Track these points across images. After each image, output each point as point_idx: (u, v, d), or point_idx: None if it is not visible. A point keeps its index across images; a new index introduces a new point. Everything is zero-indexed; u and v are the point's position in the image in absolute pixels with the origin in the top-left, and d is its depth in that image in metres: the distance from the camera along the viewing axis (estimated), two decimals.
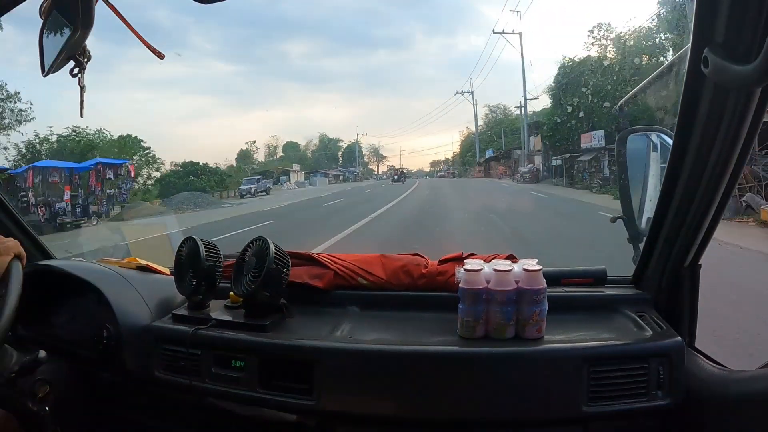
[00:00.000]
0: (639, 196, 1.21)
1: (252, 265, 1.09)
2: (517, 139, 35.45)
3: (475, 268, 0.99)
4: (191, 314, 1.17)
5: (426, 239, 7.70)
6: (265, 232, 1.74)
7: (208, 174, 28.70)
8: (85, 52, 0.89)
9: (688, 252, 1.01)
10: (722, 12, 0.67)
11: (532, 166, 26.42)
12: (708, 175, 0.86)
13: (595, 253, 5.68)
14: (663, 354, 0.95)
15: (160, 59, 0.98)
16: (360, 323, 1.11)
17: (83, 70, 0.91)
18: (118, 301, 1.18)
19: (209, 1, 0.85)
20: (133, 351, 1.15)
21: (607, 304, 1.13)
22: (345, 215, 12.35)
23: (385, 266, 1.19)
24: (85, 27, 0.82)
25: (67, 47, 0.86)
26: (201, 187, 25.95)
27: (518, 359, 0.95)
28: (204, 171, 28.82)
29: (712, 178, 0.86)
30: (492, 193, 19.40)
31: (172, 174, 28.29)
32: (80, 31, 0.82)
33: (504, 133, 41.21)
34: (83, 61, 0.90)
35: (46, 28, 0.91)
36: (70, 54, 0.88)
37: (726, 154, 0.81)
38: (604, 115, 18.59)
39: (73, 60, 0.90)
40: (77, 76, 0.92)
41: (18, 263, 1.01)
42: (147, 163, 27.07)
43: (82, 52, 0.89)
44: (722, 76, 0.69)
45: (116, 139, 24.96)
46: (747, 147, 0.80)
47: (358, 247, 7.36)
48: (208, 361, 1.08)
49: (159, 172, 28.16)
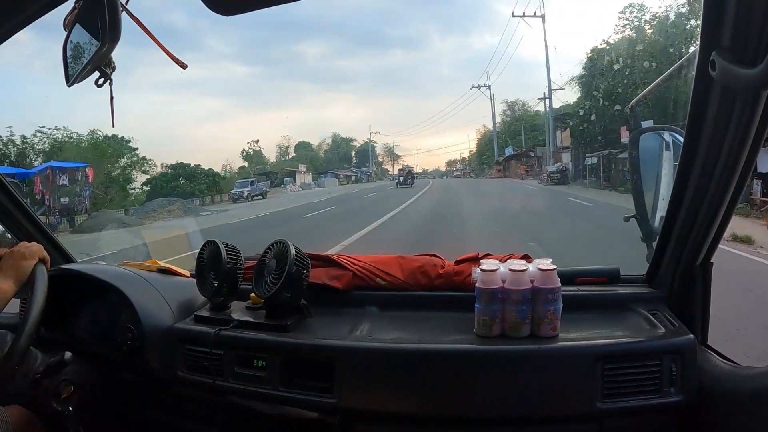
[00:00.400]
0: (652, 194, 1.22)
1: (273, 268, 1.12)
2: (539, 136, 33.00)
3: (491, 268, 1.01)
4: (213, 315, 1.20)
5: (442, 240, 7.06)
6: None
7: (199, 176, 26.78)
8: (110, 63, 0.92)
9: (700, 250, 1.02)
10: (729, 16, 0.69)
11: (561, 165, 23.02)
12: (718, 175, 0.88)
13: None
14: (676, 351, 0.96)
15: (183, 69, 1.00)
16: (379, 323, 1.14)
17: (109, 80, 0.93)
18: (141, 303, 1.20)
19: (231, 13, 0.88)
20: (156, 352, 1.17)
21: (621, 302, 1.14)
22: (320, 233, 9.61)
23: (403, 267, 1.21)
24: (113, 41, 0.84)
25: (94, 60, 0.88)
26: (190, 191, 24.56)
27: (534, 357, 0.97)
28: (195, 173, 26.81)
29: (722, 178, 0.88)
30: (519, 198, 15.70)
31: (161, 177, 26.23)
32: (107, 45, 0.84)
33: (524, 130, 38.50)
34: (108, 72, 0.93)
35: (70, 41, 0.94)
36: (96, 66, 0.91)
37: (735, 155, 0.83)
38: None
39: (98, 71, 0.93)
40: (102, 86, 0.94)
41: (43, 267, 1.04)
42: (134, 166, 24.57)
43: (108, 63, 0.91)
44: (730, 79, 0.70)
45: (88, 138, 22.15)
46: (756, 148, 0.82)
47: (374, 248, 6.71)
48: (230, 361, 1.11)
49: (148, 175, 25.80)
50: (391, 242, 7.78)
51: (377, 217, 11.37)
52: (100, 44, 0.84)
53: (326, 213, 14.56)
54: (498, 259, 1.11)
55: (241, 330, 1.13)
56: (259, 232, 10.75)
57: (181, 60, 1.09)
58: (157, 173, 26.51)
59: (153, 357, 1.17)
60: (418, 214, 12.67)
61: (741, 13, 0.68)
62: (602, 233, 7.12)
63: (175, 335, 1.18)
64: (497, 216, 11.30)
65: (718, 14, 0.70)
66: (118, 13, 0.84)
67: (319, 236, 9.03)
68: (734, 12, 0.68)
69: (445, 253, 1.26)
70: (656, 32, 18.17)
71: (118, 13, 0.84)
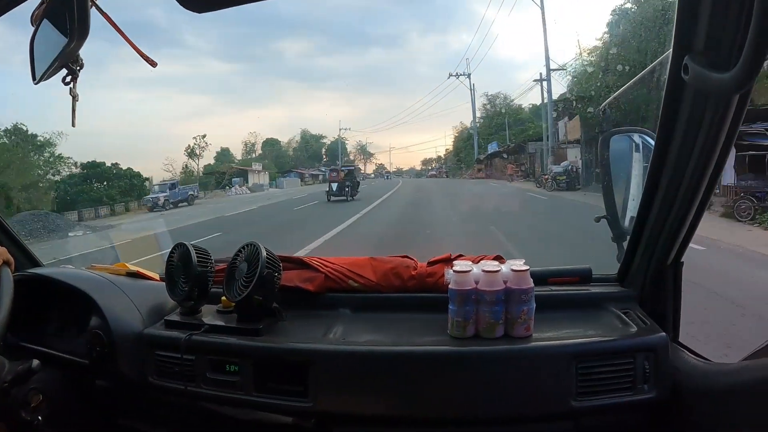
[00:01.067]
0: (622, 195, 1.24)
1: (244, 270, 1.10)
2: (527, 131, 29.01)
3: (464, 270, 1.01)
4: (184, 320, 1.18)
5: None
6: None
7: (115, 178, 21.87)
8: (78, 60, 0.89)
9: (671, 250, 1.04)
10: (702, 21, 0.70)
11: (569, 164, 17.54)
12: (689, 177, 0.90)
13: None
14: (648, 349, 0.97)
15: (152, 67, 0.98)
16: (352, 325, 1.13)
17: (76, 78, 0.91)
18: (110, 308, 1.17)
19: (203, 10, 0.86)
20: (126, 358, 1.14)
21: (593, 301, 1.16)
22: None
23: (375, 269, 1.20)
24: (81, 37, 0.82)
25: (61, 56, 0.86)
26: (98, 197, 20.23)
27: (508, 357, 0.97)
28: (110, 174, 21.95)
29: (692, 180, 0.89)
30: (524, 217, 10.82)
31: (67, 180, 21.14)
32: (75, 41, 0.82)
33: (508, 125, 34.38)
34: (76, 69, 0.90)
35: (37, 36, 0.91)
36: (63, 63, 0.88)
37: (706, 157, 0.84)
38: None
39: (65, 68, 0.89)
40: (69, 84, 0.91)
41: (7, 270, 1.00)
42: (51, 165, 20.55)
43: (75, 61, 0.89)
44: (702, 83, 0.72)
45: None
46: (726, 150, 0.83)
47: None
48: (202, 366, 1.08)
49: (59, 176, 21.11)
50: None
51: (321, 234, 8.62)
52: (68, 40, 0.82)
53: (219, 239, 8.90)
54: (471, 260, 1.11)
55: (213, 334, 1.11)
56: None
57: (151, 58, 1.07)
58: (66, 176, 21.52)
59: (123, 363, 1.15)
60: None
61: (714, 19, 0.69)
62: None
63: (146, 341, 1.15)
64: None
65: (691, 19, 0.72)
66: (88, 9, 0.81)
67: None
68: (707, 17, 0.70)
69: (418, 254, 1.25)
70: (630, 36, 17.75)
71: (87, 8, 0.81)
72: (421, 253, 1.25)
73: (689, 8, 0.72)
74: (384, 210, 14.34)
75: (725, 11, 0.68)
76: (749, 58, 0.60)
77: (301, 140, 56.54)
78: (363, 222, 11.32)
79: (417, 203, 16.12)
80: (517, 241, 7.07)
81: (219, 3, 0.88)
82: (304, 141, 56.27)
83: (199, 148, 38.53)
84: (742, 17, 0.66)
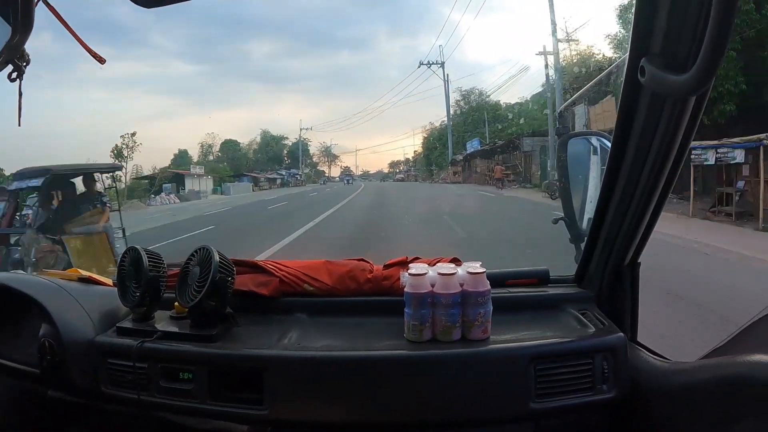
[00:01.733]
0: (580, 197, 1.25)
1: (196, 275, 1.07)
2: (503, 130, 26.80)
3: (419, 273, 0.99)
4: (136, 326, 1.14)
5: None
6: None
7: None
8: (24, 55, 0.85)
9: (628, 251, 1.05)
10: (659, 24, 0.71)
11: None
12: (645, 179, 0.90)
13: None
14: (606, 349, 0.98)
15: (100, 64, 0.96)
16: (308, 330, 1.11)
17: (22, 74, 0.86)
18: (60, 315, 1.13)
19: (152, 5, 0.84)
20: (78, 366, 1.10)
21: (551, 303, 1.16)
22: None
23: (331, 272, 1.18)
24: (24, 30, 0.78)
25: (5, 51, 0.81)
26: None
27: (465, 360, 0.96)
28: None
29: (649, 181, 0.90)
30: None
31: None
32: (19, 35, 0.78)
33: (487, 122, 32.07)
34: (22, 65, 0.85)
35: None
36: (8, 58, 0.84)
37: (662, 159, 0.85)
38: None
39: (11, 64, 0.85)
40: (14, 81, 0.87)
41: None
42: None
43: (21, 56, 0.84)
44: (658, 85, 0.72)
45: None
46: (682, 151, 0.84)
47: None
48: (155, 374, 1.05)
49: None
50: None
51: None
52: (11, 34, 0.77)
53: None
54: (427, 262, 1.10)
55: (166, 341, 1.07)
56: None
57: (100, 54, 1.03)
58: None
59: (75, 372, 1.10)
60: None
61: (671, 22, 0.70)
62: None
63: (97, 348, 1.11)
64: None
65: (648, 22, 0.72)
66: (32, 1, 0.77)
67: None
68: (665, 20, 0.70)
69: (374, 257, 1.24)
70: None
71: (32, 1, 0.77)
72: (378, 256, 1.24)
73: (646, 11, 0.72)
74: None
75: (682, 14, 0.68)
76: (706, 60, 0.60)
77: (261, 141, 52.38)
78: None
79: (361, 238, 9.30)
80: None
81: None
82: (264, 142, 52.32)
83: (127, 148, 30.66)
84: (699, 19, 0.66)
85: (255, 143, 52.20)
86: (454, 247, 6.89)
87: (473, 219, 10.99)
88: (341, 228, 11.00)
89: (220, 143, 48.32)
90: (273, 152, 51.88)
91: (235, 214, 16.35)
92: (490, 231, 9.22)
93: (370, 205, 16.97)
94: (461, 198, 17.36)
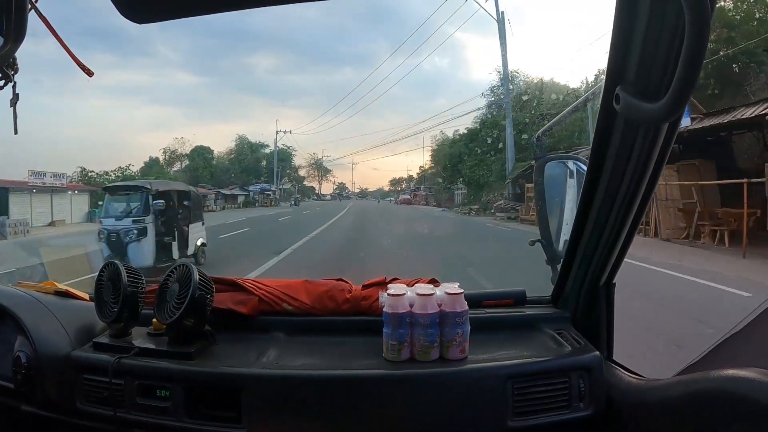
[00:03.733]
0: (556, 219, 1.28)
1: (176, 292, 1.06)
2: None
3: (398, 293, 1.01)
4: (113, 342, 1.12)
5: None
6: None
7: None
8: (13, 64, 0.85)
9: (603, 271, 1.08)
10: (634, 54, 0.74)
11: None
12: (620, 201, 0.93)
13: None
14: (582, 368, 1.00)
15: (88, 76, 0.96)
16: (286, 349, 1.10)
17: (11, 82, 0.86)
18: (36, 328, 1.11)
19: (143, 21, 0.85)
20: (53, 381, 1.08)
21: (528, 323, 1.18)
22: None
23: (310, 292, 1.19)
24: (16, 40, 0.78)
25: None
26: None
27: (443, 379, 0.97)
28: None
29: (623, 204, 0.93)
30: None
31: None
32: (10, 45, 0.78)
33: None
34: (11, 74, 0.85)
35: None
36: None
37: (636, 182, 0.89)
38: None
39: (0, 72, 0.85)
40: (2, 88, 0.87)
41: None
42: None
43: (11, 65, 0.84)
44: (632, 113, 0.75)
45: None
46: (655, 175, 0.88)
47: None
48: (132, 391, 1.03)
49: None
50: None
51: None
52: (3, 43, 0.77)
53: None
54: (405, 283, 1.11)
55: (143, 358, 1.06)
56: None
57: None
58: None
59: (49, 387, 1.08)
60: None
61: (645, 52, 0.73)
62: None
63: (73, 363, 1.09)
64: None
65: (623, 52, 0.75)
66: (26, 11, 0.77)
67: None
68: (639, 50, 0.73)
69: (353, 277, 1.23)
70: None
71: (25, 10, 0.77)
72: (356, 276, 1.23)
73: (622, 41, 0.75)
74: None
75: (656, 46, 0.72)
76: (678, 89, 0.63)
77: (236, 149, 41.51)
78: None
79: None
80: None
81: (158, 15, 0.88)
82: (240, 150, 41.47)
83: (150, 158, 27.33)
84: (672, 51, 0.70)
85: (232, 152, 42.02)
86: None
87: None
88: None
89: (191, 149, 38.26)
90: (246, 162, 40.94)
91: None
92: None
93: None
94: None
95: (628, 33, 0.75)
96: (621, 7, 0.74)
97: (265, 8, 0.84)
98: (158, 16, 0.87)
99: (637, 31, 0.73)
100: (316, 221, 17.83)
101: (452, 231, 15.40)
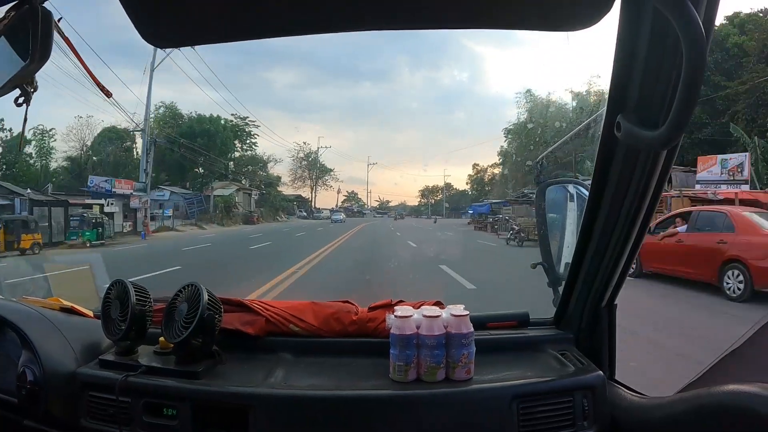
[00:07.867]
0: (557, 243, 1.30)
1: (184, 312, 1.07)
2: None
3: (405, 315, 1.02)
4: (119, 360, 1.12)
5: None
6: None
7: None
8: (32, 82, 0.86)
9: (605, 293, 1.10)
10: (634, 84, 0.78)
11: None
12: (621, 224, 0.96)
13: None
14: (586, 387, 1.02)
15: (107, 97, 0.99)
16: (293, 369, 1.11)
17: (29, 100, 0.87)
18: (42, 344, 1.10)
19: (166, 46, 0.89)
20: (58, 398, 1.08)
21: (532, 344, 1.19)
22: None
23: (317, 313, 1.20)
24: (41, 59, 0.80)
25: (17, 77, 0.82)
26: None
27: (450, 400, 0.99)
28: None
29: (624, 228, 0.96)
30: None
31: None
32: (35, 63, 0.80)
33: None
34: (30, 91, 0.87)
35: None
36: (17, 83, 0.85)
37: (636, 207, 0.92)
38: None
39: (19, 89, 0.86)
40: (21, 106, 0.88)
41: None
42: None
43: (30, 82, 0.86)
44: (633, 140, 0.79)
45: None
46: (655, 199, 0.91)
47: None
48: (138, 410, 1.03)
49: None
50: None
51: None
52: (29, 61, 0.79)
53: None
54: (411, 305, 1.13)
55: (150, 376, 1.06)
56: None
57: (106, 87, 1.07)
58: None
59: (54, 403, 1.08)
60: None
61: (645, 82, 0.76)
62: None
63: (79, 380, 1.09)
64: None
65: (624, 81, 0.79)
66: (51, 32, 0.79)
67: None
68: (639, 80, 0.77)
69: (359, 300, 1.25)
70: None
71: (51, 31, 0.79)
72: (362, 299, 1.24)
73: (623, 71, 0.79)
74: None
75: (655, 76, 0.75)
76: (676, 118, 0.67)
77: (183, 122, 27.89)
78: None
79: None
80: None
81: (182, 41, 0.91)
82: (189, 124, 28.30)
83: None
84: (670, 82, 0.73)
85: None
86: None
87: None
88: None
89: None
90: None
91: None
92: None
93: None
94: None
95: (628, 65, 0.78)
96: (622, 40, 0.78)
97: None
98: (180, 43, 0.93)
99: (637, 63, 0.77)
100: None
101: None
